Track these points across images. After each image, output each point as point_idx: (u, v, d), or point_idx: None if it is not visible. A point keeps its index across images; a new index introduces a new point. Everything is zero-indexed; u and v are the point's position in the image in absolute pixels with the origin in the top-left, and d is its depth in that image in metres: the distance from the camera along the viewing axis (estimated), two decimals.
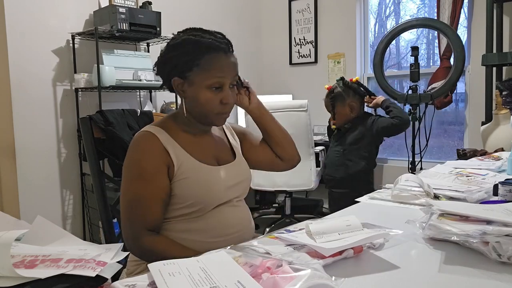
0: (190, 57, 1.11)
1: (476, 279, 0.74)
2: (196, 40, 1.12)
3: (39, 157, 2.98)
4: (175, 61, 1.14)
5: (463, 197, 1.29)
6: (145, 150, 1.10)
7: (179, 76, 1.14)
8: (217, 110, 1.14)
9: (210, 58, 1.11)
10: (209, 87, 1.12)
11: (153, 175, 1.08)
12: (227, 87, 1.15)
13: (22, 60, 2.87)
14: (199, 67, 1.11)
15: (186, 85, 1.14)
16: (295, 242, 0.89)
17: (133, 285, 0.71)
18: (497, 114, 2.70)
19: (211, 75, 1.11)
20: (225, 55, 1.13)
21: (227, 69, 1.13)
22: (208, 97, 1.12)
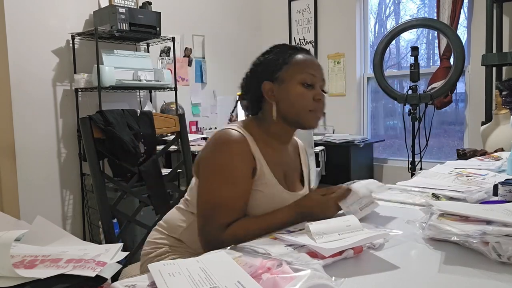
0: (278, 56, 1.13)
1: (476, 279, 0.74)
2: (281, 45, 1.17)
3: (39, 157, 2.98)
4: (265, 64, 1.14)
5: (463, 197, 1.29)
6: (235, 151, 1.06)
7: (269, 80, 1.13)
8: (310, 106, 1.11)
9: (299, 57, 1.13)
10: (301, 83, 1.11)
11: (242, 179, 1.06)
12: (318, 86, 1.13)
13: (22, 60, 2.88)
14: (290, 64, 1.12)
15: (276, 86, 1.12)
16: (295, 242, 0.89)
17: (133, 285, 0.71)
18: (497, 114, 2.70)
19: (303, 70, 1.11)
20: (311, 56, 1.17)
21: (316, 67, 1.14)
22: (300, 91, 1.10)
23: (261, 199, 1.09)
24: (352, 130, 4.03)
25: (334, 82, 4.14)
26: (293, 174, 1.23)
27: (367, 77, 4.02)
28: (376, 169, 3.96)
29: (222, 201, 1.04)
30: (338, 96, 4.11)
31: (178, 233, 1.17)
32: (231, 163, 1.05)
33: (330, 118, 4.16)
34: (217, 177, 1.06)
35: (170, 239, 1.18)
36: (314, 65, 1.14)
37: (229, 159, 1.06)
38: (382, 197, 1.35)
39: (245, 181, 1.07)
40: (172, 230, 1.19)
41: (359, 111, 4.04)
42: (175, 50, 3.43)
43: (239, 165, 1.06)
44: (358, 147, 3.55)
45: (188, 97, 3.93)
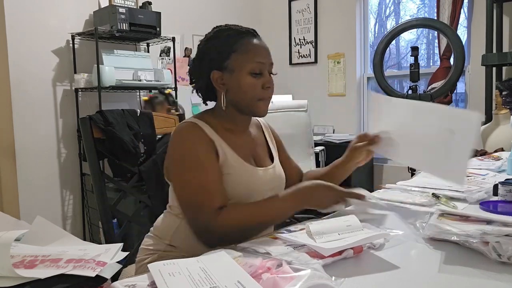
0: (226, 44, 1.11)
1: (476, 279, 0.74)
2: (228, 28, 1.14)
3: (39, 157, 2.98)
4: (212, 52, 1.12)
5: (463, 197, 1.29)
6: (194, 138, 1.08)
7: (217, 69, 1.12)
8: (259, 95, 1.12)
9: (245, 42, 1.11)
10: (250, 72, 1.10)
11: (209, 161, 1.06)
12: (267, 72, 1.13)
13: (22, 60, 2.87)
14: (237, 52, 1.10)
15: (226, 75, 1.12)
16: (295, 242, 0.89)
17: (133, 285, 0.71)
18: (497, 114, 2.70)
19: (251, 59, 1.10)
20: (258, 39, 1.14)
21: (264, 53, 1.13)
22: (250, 82, 1.10)
23: (232, 181, 1.09)
24: (352, 130, 4.03)
25: (334, 82, 4.14)
26: (260, 152, 1.23)
27: (367, 77, 4.02)
28: (376, 169, 3.96)
29: (201, 187, 1.03)
30: (338, 96, 4.11)
31: (168, 238, 1.17)
32: (193, 149, 1.06)
33: (330, 118, 4.16)
34: (186, 167, 1.06)
35: (162, 245, 1.17)
36: (263, 51, 1.13)
37: (190, 146, 1.07)
38: (382, 197, 1.35)
39: (212, 163, 1.07)
40: (162, 235, 1.18)
41: (359, 111, 4.04)
42: (175, 50, 3.43)
43: (201, 149, 1.07)
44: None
45: (188, 97, 3.93)
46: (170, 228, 1.17)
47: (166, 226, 1.19)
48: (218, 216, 1.00)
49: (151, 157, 1.53)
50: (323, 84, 4.20)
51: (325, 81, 4.19)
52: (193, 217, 1.05)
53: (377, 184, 3.86)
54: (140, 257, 1.21)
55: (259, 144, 1.25)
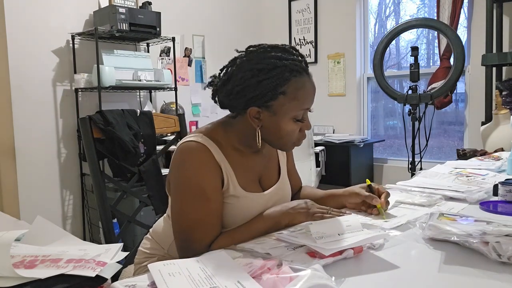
0: (275, 82, 0.99)
1: (476, 279, 0.74)
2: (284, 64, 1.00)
3: (39, 157, 2.98)
4: (260, 90, 0.99)
5: (463, 197, 1.29)
6: (202, 165, 1.00)
7: (258, 106, 1.01)
8: (295, 139, 1.06)
9: (298, 85, 1.01)
10: (294, 118, 1.03)
11: (213, 192, 1.00)
12: (307, 115, 1.07)
13: (22, 60, 2.87)
14: (285, 95, 1.00)
15: (265, 114, 1.02)
16: (295, 242, 0.89)
17: (133, 285, 0.71)
18: (497, 114, 2.70)
19: (298, 106, 1.01)
20: (309, 79, 1.04)
21: (312, 97, 1.05)
22: (291, 128, 1.03)
23: (232, 211, 1.04)
24: (352, 130, 4.03)
25: (334, 82, 4.14)
26: (270, 169, 1.18)
27: (367, 77, 4.02)
28: (376, 169, 3.96)
29: (198, 219, 0.98)
30: (338, 96, 4.11)
31: (166, 247, 1.15)
32: (199, 178, 0.99)
33: (330, 118, 4.16)
34: (187, 194, 1.00)
35: (160, 250, 1.17)
36: (311, 96, 1.04)
37: (196, 174, 0.99)
38: None
39: (215, 192, 1.01)
40: (161, 242, 1.17)
41: (359, 111, 4.04)
42: (175, 50, 3.43)
43: (207, 177, 1.00)
44: (358, 147, 3.55)
45: (188, 97, 3.93)
46: (169, 238, 1.14)
47: (165, 234, 1.17)
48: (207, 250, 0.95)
49: (151, 157, 1.53)
50: (323, 84, 4.20)
51: (325, 81, 4.19)
52: (183, 247, 1.00)
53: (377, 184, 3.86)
54: (139, 259, 1.20)
55: (268, 161, 1.18)
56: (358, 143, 3.54)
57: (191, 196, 0.99)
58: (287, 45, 1.06)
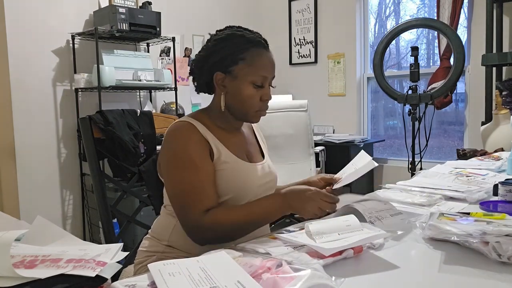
0: (236, 50, 1.12)
1: (476, 279, 0.74)
2: (241, 34, 1.14)
3: (39, 157, 2.98)
4: (221, 54, 1.13)
5: (463, 197, 1.29)
6: (188, 138, 1.10)
7: (222, 71, 1.13)
8: (257, 107, 1.15)
9: (256, 53, 1.13)
10: (252, 83, 1.12)
11: (201, 160, 1.08)
12: (268, 85, 1.16)
13: (22, 60, 2.87)
14: (245, 61, 1.12)
15: (228, 79, 1.14)
16: (295, 242, 0.89)
17: (133, 285, 0.71)
18: (497, 114, 2.70)
19: (256, 72, 1.12)
20: (266, 52, 1.15)
21: (270, 67, 1.15)
22: (250, 93, 1.13)
23: (228, 176, 1.11)
24: (352, 130, 4.03)
25: (334, 82, 4.14)
26: (252, 150, 1.27)
27: (367, 77, 4.02)
28: (376, 169, 3.95)
29: (190, 187, 1.06)
30: (338, 96, 4.11)
31: (166, 239, 1.17)
32: (186, 149, 1.08)
33: (330, 118, 4.16)
34: (177, 166, 1.08)
35: (160, 246, 1.18)
36: (269, 66, 1.15)
37: (183, 146, 1.09)
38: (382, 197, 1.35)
39: (205, 162, 1.09)
40: (160, 236, 1.19)
41: (359, 111, 4.04)
42: (175, 50, 3.43)
43: (194, 149, 1.08)
44: (358, 147, 3.55)
45: (188, 97, 3.93)
46: (167, 229, 1.17)
47: (163, 226, 1.19)
48: (205, 217, 1.03)
49: (151, 157, 1.53)
50: (323, 84, 4.20)
51: (325, 81, 4.19)
52: (182, 217, 1.07)
53: (377, 184, 3.86)
54: (138, 259, 1.21)
55: (251, 142, 1.28)
56: (358, 143, 3.54)
57: (181, 166, 1.08)
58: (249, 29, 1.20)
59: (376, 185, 3.84)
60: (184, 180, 1.07)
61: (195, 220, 1.04)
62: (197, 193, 1.05)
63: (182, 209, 1.07)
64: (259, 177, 1.19)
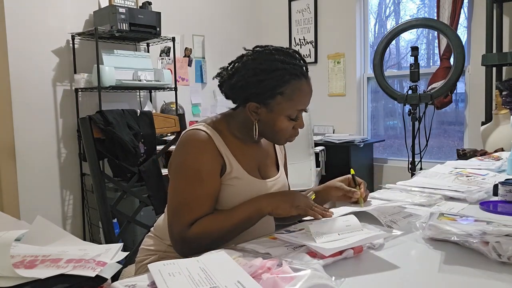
0: (275, 83, 1.06)
1: (476, 279, 0.74)
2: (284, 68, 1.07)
3: (39, 157, 2.98)
4: (260, 88, 1.07)
5: (463, 197, 1.29)
6: (201, 150, 1.07)
7: (257, 102, 1.09)
8: (288, 135, 1.13)
9: (296, 87, 1.08)
10: (288, 117, 1.10)
11: (209, 175, 1.06)
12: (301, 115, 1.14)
13: (22, 60, 2.87)
14: (283, 95, 1.07)
15: (263, 110, 1.10)
16: (295, 242, 0.89)
17: (133, 285, 0.71)
18: (497, 114, 2.70)
19: (294, 106, 1.09)
20: (306, 83, 1.11)
21: (308, 100, 1.12)
22: (285, 126, 1.10)
23: (235, 193, 1.10)
24: (352, 130, 4.03)
25: (334, 82, 4.14)
26: (268, 163, 1.24)
27: (367, 77, 4.02)
28: (376, 169, 3.96)
29: (187, 200, 1.05)
30: (338, 96, 4.11)
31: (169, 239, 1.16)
32: (197, 162, 1.06)
33: (330, 118, 4.16)
34: (184, 176, 1.07)
35: (162, 246, 1.17)
36: (307, 99, 1.11)
37: (195, 158, 1.06)
38: (382, 197, 1.35)
39: (212, 178, 1.07)
40: (163, 236, 1.18)
41: (359, 111, 4.04)
42: (175, 50, 3.43)
43: (205, 163, 1.06)
44: (358, 147, 3.55)
45: (188, 97, 3.93)
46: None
47: (165, 226, 1.19)
48: (189, 229, 1.02)
49: (151, 157, 1.53)
50: (323, 84, 4.20)
51: (325, 81, 4.19)
52: (169, 226, 1.06)
53: (377, 184, 3.86)
54: (140, 258, 1.21)
55: (267, 155, 1.25)
56: (358, 143, 3.54)
57: (185, 177, 1.06)
58: (291, 49, 1.13)
59: (376, 185, 3.84)
60: (184, 191, 1.06)
61: (179, 232, 1.03)
62: (190, 207, 1.04)
63: (171, 218, 1.06)
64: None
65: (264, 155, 1.23)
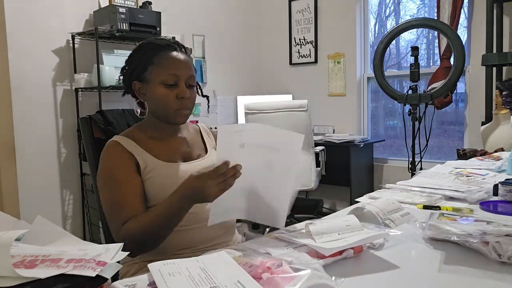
0: (145, 56, 1.18)
1: (476, 279, 0.74)
2: (149, 42, 1.21)
3: (39, 157, 2.98)
4: (133, 64, 1.20)
5: (463, 197, 1.29)
6: (111, 156, 1.14)
7: (138, 80, 1.19)
8: (175, 106, 1.17)
9: (163, 55, 1.17)
10: (163, 83, 1.16)
11: (124, 174, 1.11)
12: (182, 83, 1.18)
13: (22, 60, 2.87)
14: (153, 65, 1.17)
15: (144, 86, 1.19)
16: (295, 242, 0.89)
17: (133, 285, 0.71)
18: (497, 114, 2.70)
19: (164, 71, 1.16)
20: (176, 53, 1.19)
21: (179, 65, 1.18)
22: (162, 92, 1.16)
23: (154, 182, 1.13)
24: (352, 130, 4.03)
25: (334, 82, 4.14)
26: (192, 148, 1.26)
27: (367, 77, 4.02)
28: (376, 169, 3.96)
29: (112, 203, 1.09)
30: (338, 96, 4.11)
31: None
32: (109, 167, 1.13)
33: (330, 118, 4.16)
34: (103, 183, 1.13)
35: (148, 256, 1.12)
36: (177, 64, 1.17)
37: (106, 164, 1.14)
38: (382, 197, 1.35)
39: (128, 176, 1.11)
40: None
41: (359, 111, 4.04)
42: None
43: (117, 165, 1.12)
44: (358, 147, 3.55)
45: None
46: None
47: None
48: (121, 230, 1.05)
49: None
50: (323, 84, 4.20)
51: (325, 81, 4.19)
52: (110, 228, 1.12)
53: (377, 184, 3.86)
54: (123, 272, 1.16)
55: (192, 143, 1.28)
56: (358, 143, 3.53)
57: (104, 183, 1.13)
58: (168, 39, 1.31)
59: (376, 185, 3.84)
60: (107, 197, 1.11)
61: (115, 234, 1.07)
62: (117, 208, 1.08)
63: (108, 225, 1.12)
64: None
65: (187, 144, 1.26)
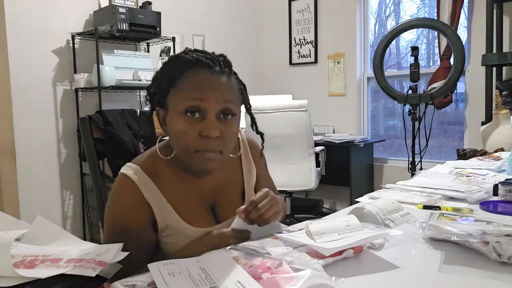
0: (169, 76, 0.90)
1: (476, 279, 0.74)
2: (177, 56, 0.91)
3: (39, 157, 2.98)
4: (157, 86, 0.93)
5: (463, 197, 1.29)
6: (126, 205, 0.91)
7: (160, 105, 0.93)
8: (195, 146, 0.87)
9: (189, 74, 0.88)
10: (184, 113, 0.86)
11: (137, 233, 0.91)
12: (212, 114, 0.87)
13: (22, 60, 2.87)
14: (176, 88, 0.88)
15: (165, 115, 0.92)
16: (295, 242, 0.88)
17: (133, 285, 0.71)
18: (497, 114, 2.70)
19: (186, 96, 0.86)
20: (209, 71, 0.88)
21: (208, 88, 0.86)
22: (181, 126, 0.86)
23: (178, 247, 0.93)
24: (352, 130, 4.03)
25: (334, 82, 4.14)
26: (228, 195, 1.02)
27: (367, 77, 4.02)
28: (376, 169, 3.96)
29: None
30: (338, 96, 4.11)
31: None
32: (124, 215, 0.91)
33: (330, 118, 4.16)
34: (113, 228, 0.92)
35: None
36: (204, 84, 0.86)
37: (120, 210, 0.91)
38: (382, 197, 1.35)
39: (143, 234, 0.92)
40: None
41: (359, 111, 4.04)
42: (175, 50, 3.43)
43: (132, 217, 0.90)
44: (358, 147, 3.55)
45: None
46: None
47: None
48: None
49: None
50: (323, 84, 4.20)
51: (325, 81, 4.19)
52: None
53: (377, 184, 3.86)
54: None
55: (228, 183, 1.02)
56: (358, 143, 3.53)
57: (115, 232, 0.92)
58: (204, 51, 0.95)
59: (376, 185, 3.84)
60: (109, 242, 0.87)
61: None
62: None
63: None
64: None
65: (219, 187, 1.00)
